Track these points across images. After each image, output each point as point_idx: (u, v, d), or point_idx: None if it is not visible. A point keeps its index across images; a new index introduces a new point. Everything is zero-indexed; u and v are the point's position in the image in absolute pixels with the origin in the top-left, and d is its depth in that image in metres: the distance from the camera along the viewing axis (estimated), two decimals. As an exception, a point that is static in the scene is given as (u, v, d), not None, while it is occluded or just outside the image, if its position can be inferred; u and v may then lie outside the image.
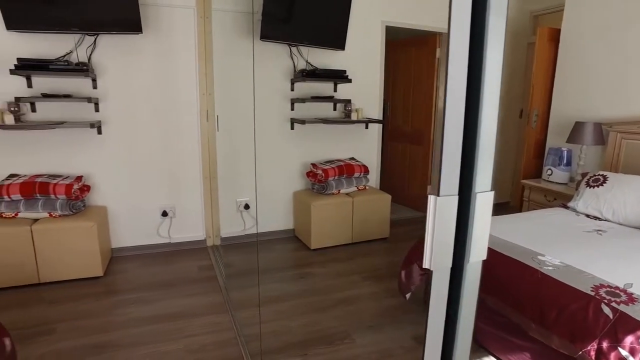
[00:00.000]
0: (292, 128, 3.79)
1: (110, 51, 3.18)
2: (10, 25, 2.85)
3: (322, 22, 3.61)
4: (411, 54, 4.82)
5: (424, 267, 0.66)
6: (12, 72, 2.82)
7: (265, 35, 3.32)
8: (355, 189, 3.87)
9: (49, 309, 2.69)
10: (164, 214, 3.52)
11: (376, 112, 4.16)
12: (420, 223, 4.53)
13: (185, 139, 3.49)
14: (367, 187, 3.99)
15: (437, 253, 0.65)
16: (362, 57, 3.99)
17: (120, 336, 2.39)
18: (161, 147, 3.43)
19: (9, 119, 2.84)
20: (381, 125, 4.24)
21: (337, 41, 3.73)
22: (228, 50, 3.50)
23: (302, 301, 2.82)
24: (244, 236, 3.81)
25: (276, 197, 3.88)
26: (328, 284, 3.08)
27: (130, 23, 3.02)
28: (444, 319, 0.68)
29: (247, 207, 3.76)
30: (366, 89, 4.07)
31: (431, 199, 0.63)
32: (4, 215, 2.90)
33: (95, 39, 3.12)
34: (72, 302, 2.77)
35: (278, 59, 3.66)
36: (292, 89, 3.76)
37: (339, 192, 3.75)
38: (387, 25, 4.05)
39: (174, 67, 3.36)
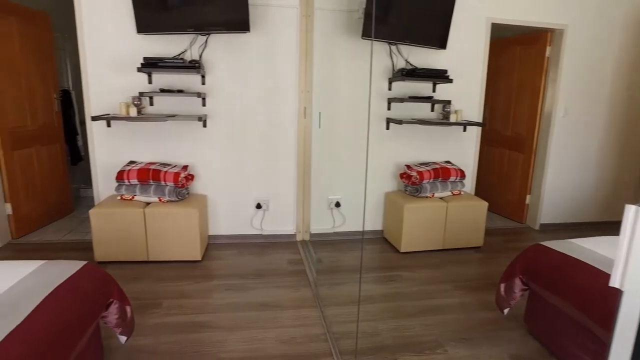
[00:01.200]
0: (388, 128, 3.73)
1: (218, 49, 3.38)
2: (140, 30, 3.16)
3: (425, 20, 3.50)
4: (515, 53, 4.49)
5: (610, 285, 0.58)
6: (138, 70, 3.13)
7: (367, 34, 3.30)
8: (450, 193, 3.70)
9: (156, 285, 2.93)
10: (258, 206, 3.66)
11: (476, 114, 3.94)
12: (516, 234, 4.22)
13: (283, 135, 3.59)
14: (462, 193, 3.80)
15: (632, 271, 0.57)
16: (464, 56, 3.80)
17: (216, 318, 2.53)
18: (260, 141, 3.57)
19: (133, 112, 3.15)
20: (480, 128, 4.01)
21: (439, 40, 3.59)
22: (328, 48, 3.54)
23: (390, 304, 2.76)
24: (332, 233, 3.84)
25: (367, 197, 3.85)
26: (417, 289, 2.98)
27: (240, 23, 3.18)
28: (631, 348, 0.59)
29: (338, 205, 3.78)
30: (466, 89, 3.87)
31: (631, 209, 0.55)
32: (123, 197, 3.22)
33: (207, 38, 3.33)
34: (175, 281, 2.99)
35: (377, 58, 3.62)
36: (390, 89, 3.70)
37: (432, 195, 3.61)
38: (494, 22, 3.81)
39: (275, 65, 3.48)
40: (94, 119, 3.17)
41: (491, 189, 4.86)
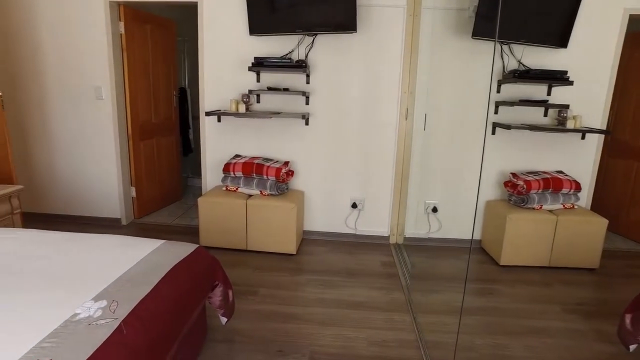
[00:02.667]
0: (494, 133, 3.52)
1: (323, 49, 3.45)
2: (253, 31, 3.36)
3: (544, 16, 3.23)
4: (653, 52, 3.94)
5: None
6: (249, 69, 3.34)
7: (478, 33, 3.13)
8: (561, 206, 3.38)
9: (253, 273, 3.09)
10: (354, 205, 3.68)
11: (599, 121, 3.54)
12: (641, 259, 3.71)
13: (383, 136, 3.57)
14: (575, 207, 3.44)
15: None
16: (589, 54, 3.42)
17: (309, 312, 2.59)
18: (359, 141, 3.59)
19: (242, 108, 3.37)
20: (602, 137, 3.59)
21: (559, 37, 3.29)
22: (434, 48, 3.43)
23: (487, 319, 2.60)
24: (427, 239, 3.72)
25: (465, 204, 3.66)
26: (518, 307, 2.76)
27: (347, 23, 3.22)
28: None
29: (435, 210, 3.65)
30: (589, 93, 3.49)
31: None
32: (228, 188, 3.45)
33: (314, 39, 3.42)
34: (270, 272, 3.12)
35: (484, 59, 3.42)
36: (499, 91, 3.48)
37: (540, 207, 3.32)
38: (633, 13, 3.35)
39: (378, 65, 3.47)
40: (208, 114, 3.44)
41: (613, 206, 4.33)
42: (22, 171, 3.92)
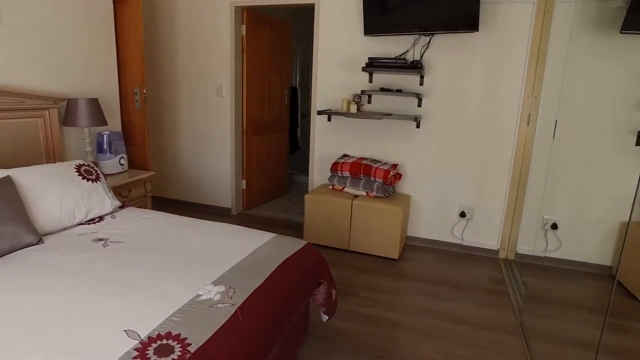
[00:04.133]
0: (638, 144, 3.05)
1: (440, 50, 3.31)
2: (368, 32, 3.35)
3: None
4: None
5: None
6: (363, 69, 3.33)
7: (630, 26, 2.73)
8: None
9: (355, 274, 3.08)
10: (462, 214, 3.48)
11: None
12: None
13: (500, 142, 3.31)
14: None
15: None
16: None
17: (410, 321, 2.50)
18: (473, 147, 3.38)
19: (353, 108, 3.38)
20: None
21: None
22: (567, 47, 3.08)
23: None
24: (544, 258, 3.38)
25: (596, 223, 3.24)
26: (660, 351, 2.36)
27: (468, 22, 3.04)
28: None
29: (554, 226, 3.29)
30: None
31: None
32: (334, 187, 3.49)
33: (430, 38, 3.30)
34: (372, 274, 3.08)
35: (631, 58, 2.98)
36: (648, 96, 3.01)
37: (695, 235, 2.81)
38: None
39: (500, 67, 3.22)
40: (319, 113, 3.52)
41: None
42: (153, 159, 4.39)
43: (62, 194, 2.19)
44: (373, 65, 3.31)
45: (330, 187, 3.54)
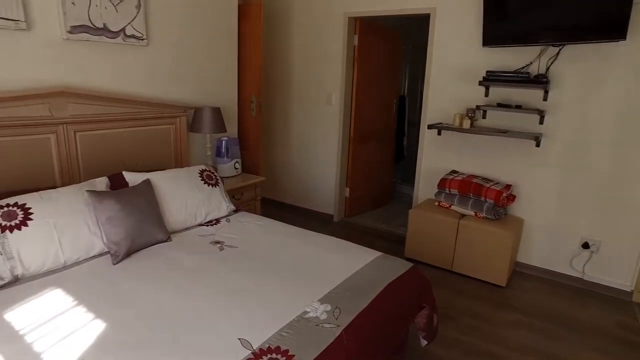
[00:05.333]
0: None
1: (572, 61, 2.98)
2: (486, 42, 3.15)
3: None
4: None
5: None
6: (480, 83, 3.15)
7: None
8: None
9: (456, 297, 2.93)
10: (585, 245, 3.10)
11: None
12: None
13: (639, 168, 2.89)
14: None
15: None
16: None
17: (510, 357, 2.31)
18: (604, 172, 2.98)
19: (466, 124, 3.22)
20: None
21: None
22: None
23: None
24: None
25: None
26: None
27: (613, 28, 2.68)
28: None
29: None
30: None
31: None
32: (441, 204, 3.36)
33: (560, 49, 2.99)
34: (475, 300, 2.91)
35: None
36: None
37: None
38: None
39: (646, 82, 2.81)
40: (430, 127, 3.41)
41: None
42: (263, 163, 4.66)
43: (187, 196, 2.43)
44: (491, 79, 3.11)
45: (436, 203, 3.41)
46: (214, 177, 2.68)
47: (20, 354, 1.31)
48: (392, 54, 4.51)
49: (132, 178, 2.35)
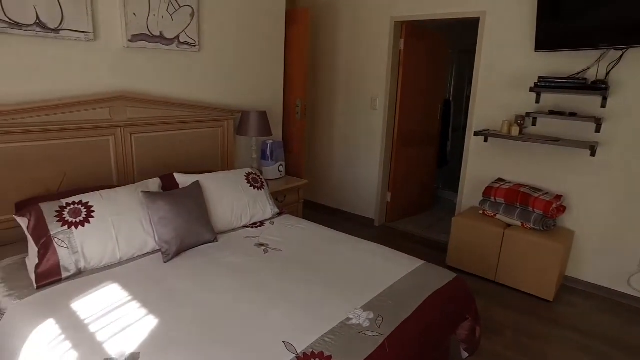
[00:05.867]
0: None
1: (634, 65, 2.82)
2: (540, 47, 3.03)
3: None
4: None
5: None
6: (531, 89, 3.04)
7: None
8: None
9: (500, 309, 2.85)
10: (643, 263, 2.94)
11: None
12: None
13: None
14: None
15: None
16: None
17: (566, 379, 2.22)
18: (664, 184, 2.82)
19: (515, 131, 3.12)
20: None
21: None
22: None
23: None
24: None
25: None
26: None
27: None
28: None
29: None
30: None
31: None
32: (485, 213, 3.28)
33: (623, 53, 2.84)
34: (520, 314, 2.82)
35: None
36: None
37: None
38: None
39: None
40: (476, 134, 3.34)
41: None
42: (306, 166, 4.71)
43: (234, 198, 2.50)
44: (544, 85, 3.00)
45: (481, 211, 3.33)
46: (259, 180, 2.75)
47: (85, 341, 1.41)
48: (437, 57, 4.44)
49: (183, 179, 2.45)
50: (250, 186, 2.65)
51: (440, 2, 3.60)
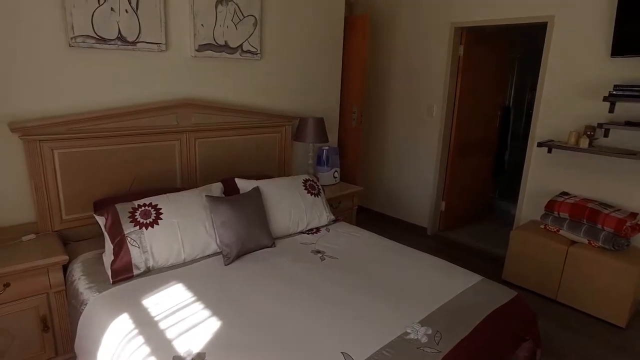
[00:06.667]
0: None
1: None
2: (617, 52, 2.84)
3: None
4: None
5: None
6: (605, 98, 2.85)
7: None
8: None
9: (563, 332, 2.70)
10: None
11: None
12: None
13: None
14: None
15: None
16: None
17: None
18: None
19: (584, 143, 2.95)
20: None
21: None
22: None
23: None
24: None
25: None
26: None
27: None
28: None
29: None
30: None
31: None
32: (547, 228, 3.12)
33: None
34: (586, 338, 2.65)
35: None
36: None
37: None
38: None
39: None
40: (540, 145, 3.19)
41: None
42: (360, 171, 4.71)
43: (292, 204, 2.55)
44: (620, 94, 2.80)
45: (542, 226, 3.17)
46: (316, 186, 2.79)
47: (155, 338, 1.51)
48: (498, 64, 4.29)
49: (243, 185, 2.54)
50: (308, 193, 2.69)
51: (504, 6, 3.48)
